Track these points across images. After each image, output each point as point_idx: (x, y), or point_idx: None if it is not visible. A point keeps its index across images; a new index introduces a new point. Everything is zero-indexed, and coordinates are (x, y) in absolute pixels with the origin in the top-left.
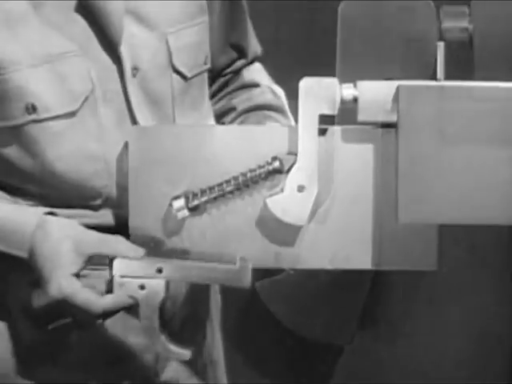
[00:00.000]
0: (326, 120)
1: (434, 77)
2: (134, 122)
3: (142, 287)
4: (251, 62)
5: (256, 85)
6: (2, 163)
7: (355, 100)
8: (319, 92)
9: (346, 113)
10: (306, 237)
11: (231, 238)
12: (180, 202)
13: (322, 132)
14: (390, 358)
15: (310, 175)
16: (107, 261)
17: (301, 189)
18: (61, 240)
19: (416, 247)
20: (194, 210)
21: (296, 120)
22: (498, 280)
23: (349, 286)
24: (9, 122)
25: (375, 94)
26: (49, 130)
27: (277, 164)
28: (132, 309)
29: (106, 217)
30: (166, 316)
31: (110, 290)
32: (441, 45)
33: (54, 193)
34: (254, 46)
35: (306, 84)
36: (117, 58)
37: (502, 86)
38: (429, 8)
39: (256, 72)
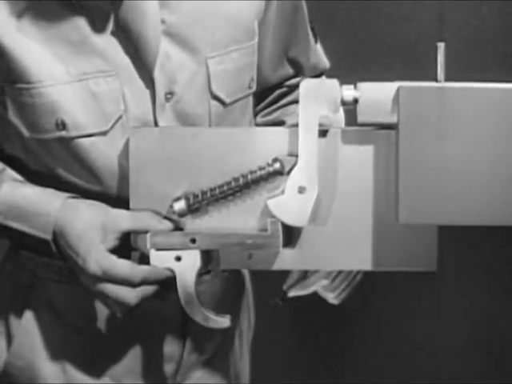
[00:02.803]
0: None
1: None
2: None
3: (178, 258)
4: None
5: None
6: (41, 169)
7: (355, 101)
8: (320, 93)
9: (347, 114)
10: (307, 237)
11: None
12: (181, 204)
13: (323, 133)
14: (390, 357)
15: (311, 176)
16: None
17: (301, 190)
18: (91, 218)
19: (416, 247)
20: (194, 211)
21: None
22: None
23: None
24: (39, 135)
25: (375, 95)
26: (79, 146)
27: (277, 165)
28: (167, 283)
29: None
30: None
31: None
32: (441, 45)
33: None
34: (316, 63)
35: (306, 85)
36: (151, 81)
37: (502, 86)
38: None
39: None
